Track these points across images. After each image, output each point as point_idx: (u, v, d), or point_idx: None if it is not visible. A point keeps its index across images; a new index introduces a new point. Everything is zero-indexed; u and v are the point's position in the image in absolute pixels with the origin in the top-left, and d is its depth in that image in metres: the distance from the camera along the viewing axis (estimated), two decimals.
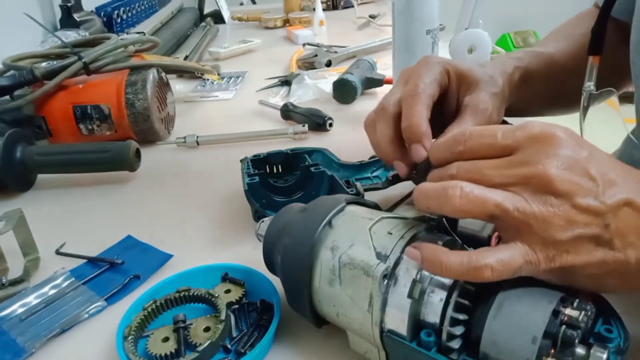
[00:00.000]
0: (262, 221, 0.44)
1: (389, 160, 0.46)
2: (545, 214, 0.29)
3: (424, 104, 0.43)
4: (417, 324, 0.31)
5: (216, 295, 0.42)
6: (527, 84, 0.55)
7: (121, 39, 0.84)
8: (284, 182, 0.59)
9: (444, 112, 0.49)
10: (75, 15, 1.17)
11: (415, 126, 0.42)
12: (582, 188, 0.30)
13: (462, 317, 0.30)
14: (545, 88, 0.59)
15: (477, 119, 0.46)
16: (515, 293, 0.30)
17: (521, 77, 0.54)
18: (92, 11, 1.26)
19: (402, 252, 0.32)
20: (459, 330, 0.30)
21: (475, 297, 0.31)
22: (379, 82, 0.91)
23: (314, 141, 0.76)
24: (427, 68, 0.46)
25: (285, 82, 1.01)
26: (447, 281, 0.31)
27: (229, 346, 0.40)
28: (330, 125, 0.78)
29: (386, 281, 0.32)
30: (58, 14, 1.18)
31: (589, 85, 0.53)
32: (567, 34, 0.65)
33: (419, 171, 0.44)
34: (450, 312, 0.30)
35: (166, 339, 0.40)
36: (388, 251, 0.33)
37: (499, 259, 0.29)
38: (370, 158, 0.62)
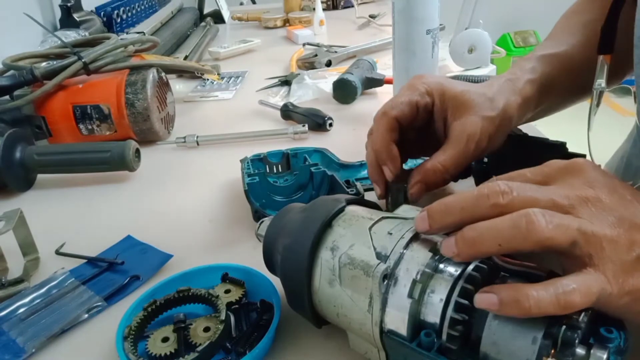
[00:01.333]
0: (262, 221, 0.44)
1: (372, 181, 0.48)
2: (613, 235, 0.28)
3: (387, 128, 0.45)
4: (417, 324, 0.31)
5: (216, 295, 0.42)
6: (546, 93, 0.52)
7: (121, 39, 0.84)
8: (284, 182, 0.59)
9: (433, 134, 0.48)
10: (75, 15, 1.17)
11: (378, 151, 0.45)
12: (630, 208, 0.29)
13: (461, 317, 0.30)
14: (566, 88, 0.56)
15: (462, 145, 0.44)
16: None
17: (538, 90, 0.51)
18: (92, 11, 1.26)
19: (402, 252, 0.32)
20: (458, 330, 0.30)
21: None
22: (379, 82, 0.91)
23: (314, 141, 0.76)
24: (407, 91, 0.47)
25: (285, 82, 1.01)
26: (448, 281, 0.31)
27: (229, 346, 0.40)
28: (330, 125, 0.78)
29: (386, 281, 0.32)
30: (58, 13, 1.18)
31: (600, 83, 0.51)
32: (579, 22, 0.60)
33: (392, 194, 0.46)
34: (450, 312, 0.30)
35: (166, 339, 0.40)
36: (388, 251, 0.33)
37: (579, 284, 0.28)
38: None
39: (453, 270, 0.32)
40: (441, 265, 0.32)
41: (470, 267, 0.31)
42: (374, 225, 0.35)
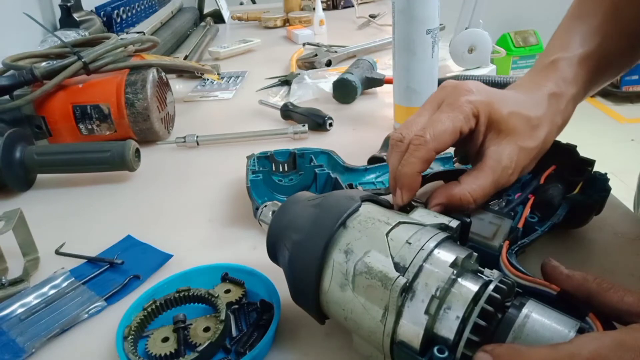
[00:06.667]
0: (265, 205, 0.43)
1: (391, 189, 0.44)
2: None
3: (423, 158, 0.40)
4: (429, 337, 0.31)
5: (216, 295, 0.42)
6: (583, 98, 0.49)
7: (121, 39, 0.83)
8: (289, 181, 0.59)
9: (467, 149, 0.45)
10: (75, 15, 1.16)
11: (403, 176, 0.40)
12: None
13: (479, 339, 0.29)
14: (598, 86, 0.52)
15: (496, 177, 0.41)
16: (534, 322, 0.29)
17: (577, 101, 0.48)
18: (91, 11, 1.26)
19: (422, 264, 0.31)
20: (473, 350, 0.29)
21: (493, 318, 0.30)
22: (379, 81, 0.91)
23: (314, 141, 0.76)
24: (451, 112, 0.41)
25: (285, 81, 1.01)
26: (465, 299, 0.30)
27: (229, 346, 0.39)
28: (330, 125, 0.78)
29: (404, 294, 0.31)
30: (58, 13, 1.18)
31: None
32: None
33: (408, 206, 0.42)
34: (467, 333, 0.29)
35: (166, 339, 0.40)
36: (407, 263, 0.32)
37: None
38: (369, 161, 0.62)
39: (471, 286, 0.31)
40: (459, 280, 0.31)
41: (491, 287, 0.31)
42: (391, 231, 0.34)
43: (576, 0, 0.54)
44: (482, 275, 0.32)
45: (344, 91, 0.89)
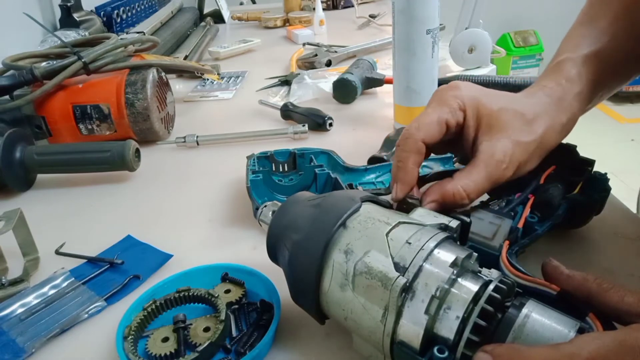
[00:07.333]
0: (265, 205, 0.43)
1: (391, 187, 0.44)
2: None
3: (412, 149, 0.41)
4: (429, 337, 0.31)
5: (216, 295, 0.42)
6: (591, 100, 0.48)
7: (121, 39, 0.83)
8: (289, 181, 0.59)
9: (461, 148, 0.45)
10: (75, 15, 1.16)
11: (397, 169, 0.42)
12: None
13: (479, 339, 0.29)
14: (609, 88, 0.51)
15: (489, 171, 0.40)
16: (534, 322, 0.30)
17: (584, 101, 0.47)
18: (91, 11, 1.26)
19: (422, 264, 0.31)
20: (473, 350, 0.29)
21: (493, 318, 0.30)
22: (379, 81, 0.91)
23: (314, 141, 0.76)
24: (437, 106, 0.43)
25: (285, 81, 1.01)
26: (465, 299, 0.30)
27: (229, 346, 0.40)
28: (330, 125, 0.78)
29: (404, 294, 0.31)
30: (58, 13, 1.18)
31: None
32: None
33: (406, 204, 0.42)
34: (467, 333, 0.29)
35: (166, 339, 0.40)
36: (407, 262, 0.32)
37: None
38: (369, 161, 0.62)
39: (471, 286, 0.31)
40: (459, 280, 0.31)
41: (491, 287, 0.31)
42: (391, 231, 0.34)
43: (585, 7, 0.54)
44: (482, 275, 0.32)
45: (344, 91, 0.89)
